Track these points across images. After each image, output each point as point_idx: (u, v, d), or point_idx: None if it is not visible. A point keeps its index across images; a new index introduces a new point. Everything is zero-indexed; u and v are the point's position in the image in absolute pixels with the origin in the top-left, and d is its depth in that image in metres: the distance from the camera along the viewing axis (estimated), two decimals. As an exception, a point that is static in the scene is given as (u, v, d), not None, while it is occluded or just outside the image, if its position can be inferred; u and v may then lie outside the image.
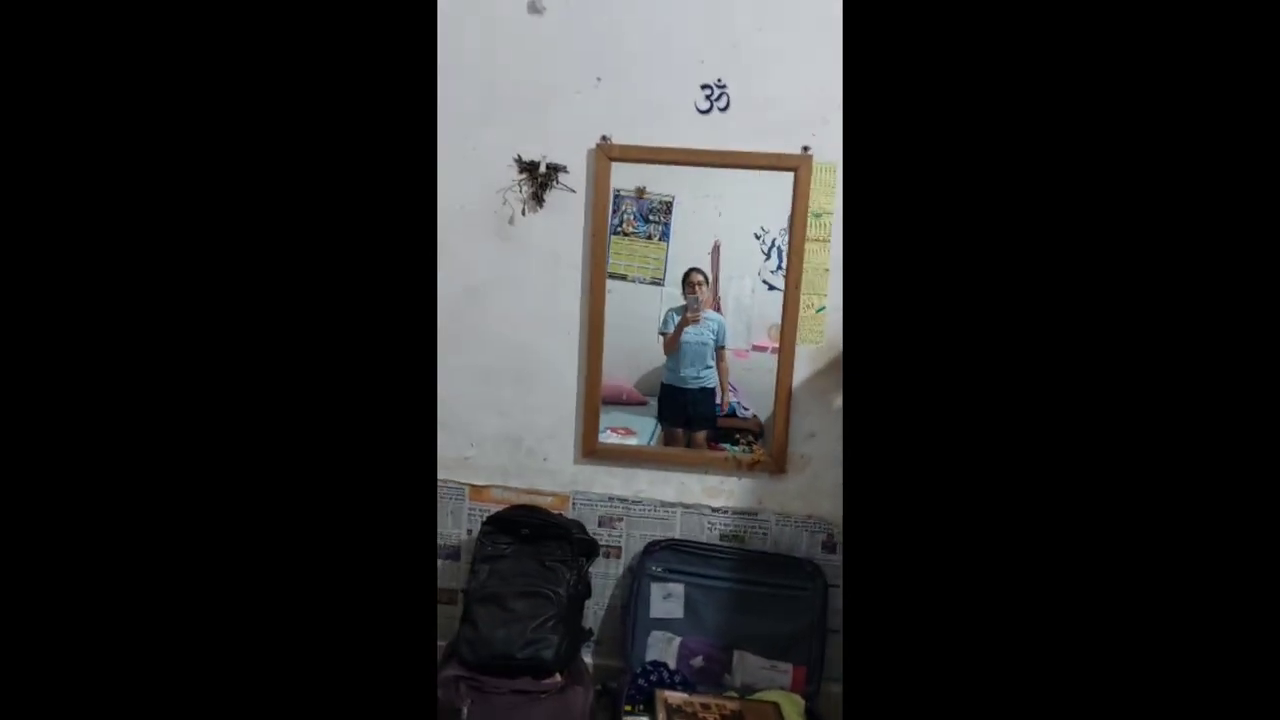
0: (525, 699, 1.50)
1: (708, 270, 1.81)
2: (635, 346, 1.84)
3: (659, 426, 1.91)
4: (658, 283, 1.80)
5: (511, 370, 1.85)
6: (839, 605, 1.75)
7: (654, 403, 1.90)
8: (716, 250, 1.80)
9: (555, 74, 1.72)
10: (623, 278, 1.79)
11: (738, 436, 1.86)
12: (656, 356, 1.89)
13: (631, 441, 1.87)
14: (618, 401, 1.89)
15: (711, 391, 1.88)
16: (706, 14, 1.65)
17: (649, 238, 1.78)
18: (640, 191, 1.76)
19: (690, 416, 1.89)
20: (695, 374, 1.87)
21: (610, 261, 1.76)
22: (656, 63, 1.68)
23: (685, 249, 1.79)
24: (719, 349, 1.86)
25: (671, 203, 1.78)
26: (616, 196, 1.75)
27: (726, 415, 1.87)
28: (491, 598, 1.64)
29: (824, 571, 1.77)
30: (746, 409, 1.87)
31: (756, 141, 1.66)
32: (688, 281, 1.81)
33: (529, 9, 1.70)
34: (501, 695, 1.49)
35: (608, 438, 1.85)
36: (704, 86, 1.68)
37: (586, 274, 1.78)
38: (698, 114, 1.69)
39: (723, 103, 1.68)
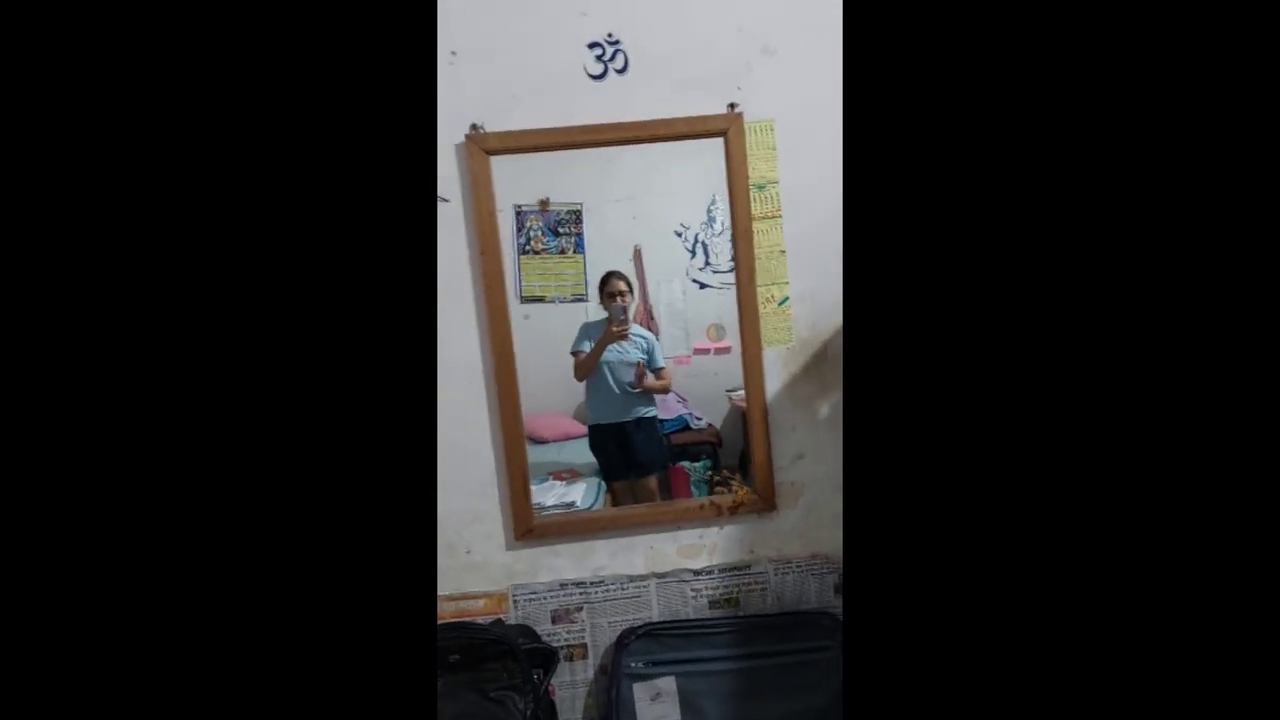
0: None
1: (631, 277, 1.62)
2: (567, 372, 1.62)
3: (601, 487, 1.61)
4: (580, 299, 1.63)
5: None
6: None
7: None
8: (638, 256, 1.65)
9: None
10: (540, 299, 1.60)
11: (698, 454, 1.68)
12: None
13: (578, 492, 1.56)
14: (555, 438, 1.71)
15: (652, 422, 1.65)
16: (580, -47, 1.30)
17: (562, 252, 1.62)
18: (544, 203, 1.59)
19: (633, 460, 1.64)
20: (629, 405, 1.62)
21: (524, 285, 1.54)
22: (528, 25, 1.31)
23: (603, 259, 1.61)
24: (655, 371, 1.61)
25: (580, 210, 1.61)
26: (519, 213, 1.55)
27: (679, 430, 1.71)
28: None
29: (840, 620, 1.41)
30: (699, 418, 1.73)
31: (669, 106, 1.32)
32: (606, 290, 1.58)
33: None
34: None
35: (548, 493, 1.53)
36: (592, 45, 1.32)
37: (480, 304, 1.37)
38: (590, 80, 1.33)
39: (619, 63, 1.33)
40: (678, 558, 1.45)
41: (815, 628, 1.42)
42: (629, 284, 1.60)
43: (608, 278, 1.59)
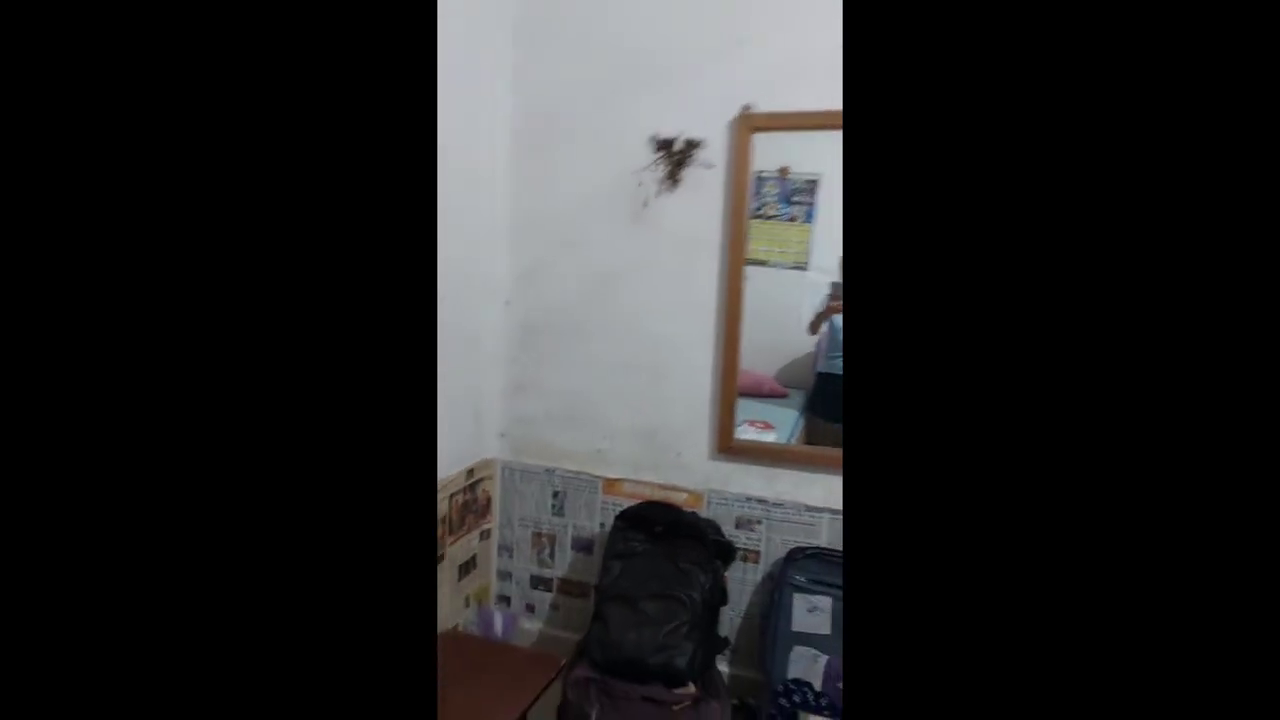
0: (656, 708, 1.41)
1: None
2: (777, 336, 1.71)
3: (801, 421, 1.74)
4: (800, 268, 1.67)
5: (645, 361, 1.77)
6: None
7: (795, 395, 1.77)
8: None
9: (691, 40, 1.60)
10: (763, 263, 1.67)
11: None
12: (799, 346, 1.75)
13: (769, 437, 1.73)
14: (757, 394, 1.75)
15: None
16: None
17: (792, 220, 1.65)
18: (783, 171, 1.62)
19: (839, 405, 1.72)
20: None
21: (749, 246, 1.65)
22: (803, 18, 1.50)
23: (832, 231, 1.63)
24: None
25: (817, 182, 1.63)
26: (758, 178, 1.63)
27: None
28: (623, 597, 1.57)
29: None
30: None
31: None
32: None
33: (664, -26, 1.60)
34: (631, 701, 1.42)
35: (745, 432, 1.72)
36: (860, 38, 1.48)
37: (724, 258, 1.65)
38: (852, 71, 1.49)
39: (882, 55, 1.47)
40: (853, 501, 1.65)
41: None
42: None
43: None
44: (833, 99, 1.49)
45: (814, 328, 1.71)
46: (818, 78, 1.50)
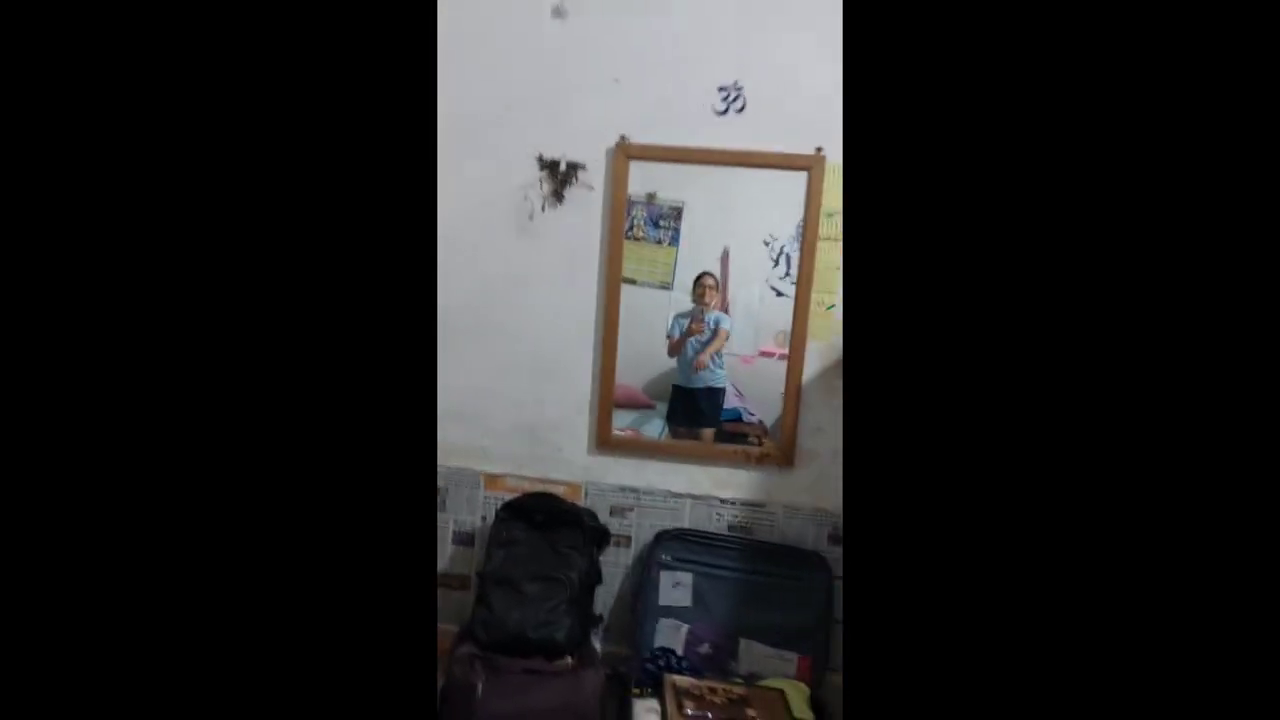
0: (537, 678, 1.54)
1: (717, 275, 1.83)
2: (643, 350, 1.85)
3: (666, 428, 1.92)
4: (666, 287, 1.82)
5: (528, 363, 1.90)
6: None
7: (661, 406, 1.91)
8: (726, 257, 1.82)
9: (576, 75, 1.77)
10: (632, 281, 1.82)
11: (750, 439, 1.88)
12: (664, 361, 1.90)
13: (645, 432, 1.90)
14: (626, 405, 1.90)
15: (717, 392, 1.89)
16: (725, 17, 1.70)
17: (659, 242, 1.80)
18: (651, 197, 1.79)
19: (695, 415, 1.91)
20: (701, 373, 1.89)
21: (621, 267, 1.80)
22: (674, 65, 1.73)
23: (694, 255, 1.80)
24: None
25: (682, 209, 1.80)
26: (629, 202, 1.79)
27: (732, 420, 1.89)
28: (506, 581, 1.69)
29: (830, 564, 1.81)
30: (753, 414, 1.88)
31: (772, 142, 1.71)
32: (699, 285, 1.82)
33: (553, 14, 1.76)
34: (514, 674, 1.54)
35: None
36: (721, 89, 1.73)
37: (602, 271, 1.83)
38: (714, 115, 1.74)
39: (739, 104, 1.73)
40: (711, 486, 1.89)
41: (806, 564, 1.81)
42: (717, 281, 1.81)
43: (702, 276, 1.80)
44: (700, 138, 1.72)
45: (674, 350, 1.86)
46: (688, 118, 1.74)
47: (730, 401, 1.88)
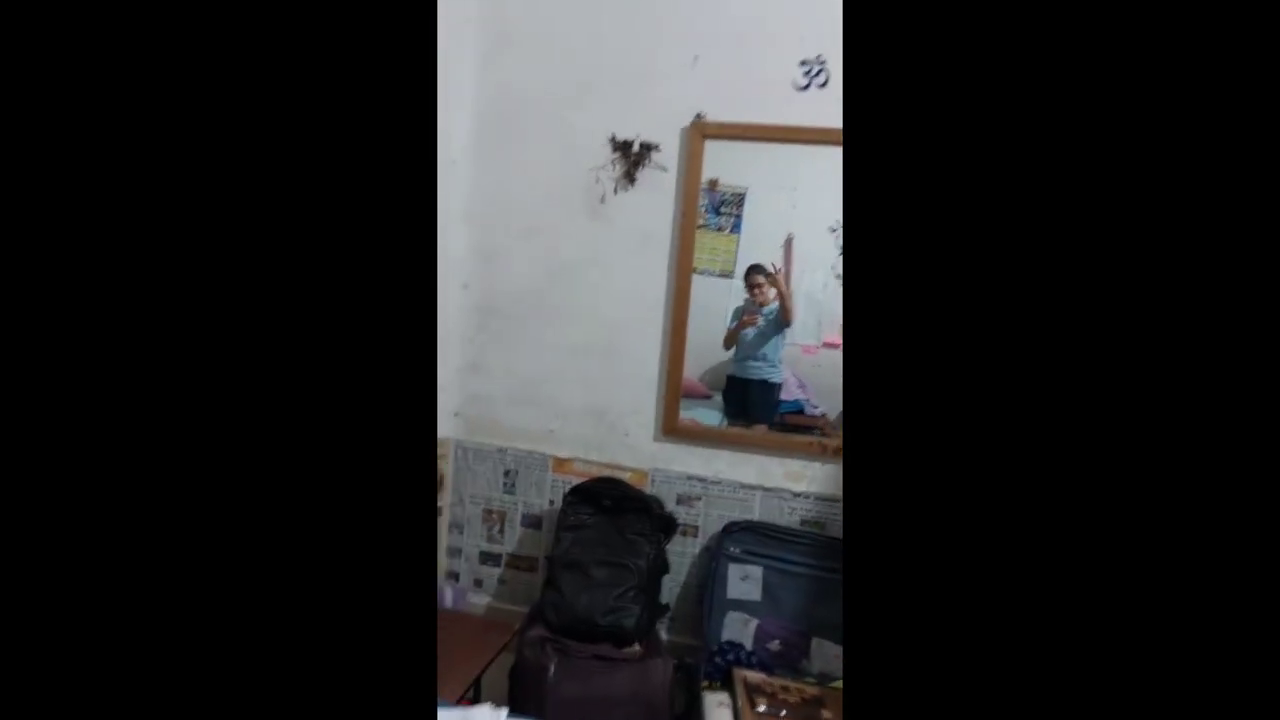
0: (606, 664, 1.53)
1: (778, 264, 1.76)
2: (703, 339, 1.81)
3: (724, 421, 1.86)
4: (727, 276, 1.76)
5: (598, 346, 1.88)
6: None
7: (718, 397, 1.85)
8: (789, 244, 1.74)
9: (654, 53, 1.73)
10: (694, 270, 1.78)
11: (816, 430, 1.81)
12: (721, 351, 1.84)
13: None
14: (686, 393, 1.87)
15: (772, 386, 1.81)
16: (809, -11, 1.63)
17: (720, 230, 1.74)
18: (713, 184, 1.73)
19: (747, 408, 1.84)
20: (755, 365, 1.82)
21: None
22: (755, 40, 1.67)
23: (757, 242, 1.73)
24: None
25: (744, 195, 1.72)
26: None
27: (794, 412, 1.81)
28: (574, 565, 1.68)
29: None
30: (815, 406, 1.81)
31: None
32: (748, 280, 1.76)
33: (630, -12, 1.72)
34: (584, 659, 1.53)
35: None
36: (803, 63, 1.65)
37: (673, 255, 1.79)
38: (794, 91, 1.67)
39: (822, 79, 1.65)
40: (782, 479, 1.83)
41: (884, 561, 1.74)
42: (768, 275, 1.74)
43: (750, 271, 1.75)
44: (780, 115, 1.66)
45: (729, 343, 1.81)
46: (768, 95, 1.67)
47: (792, 393, 1.81)
